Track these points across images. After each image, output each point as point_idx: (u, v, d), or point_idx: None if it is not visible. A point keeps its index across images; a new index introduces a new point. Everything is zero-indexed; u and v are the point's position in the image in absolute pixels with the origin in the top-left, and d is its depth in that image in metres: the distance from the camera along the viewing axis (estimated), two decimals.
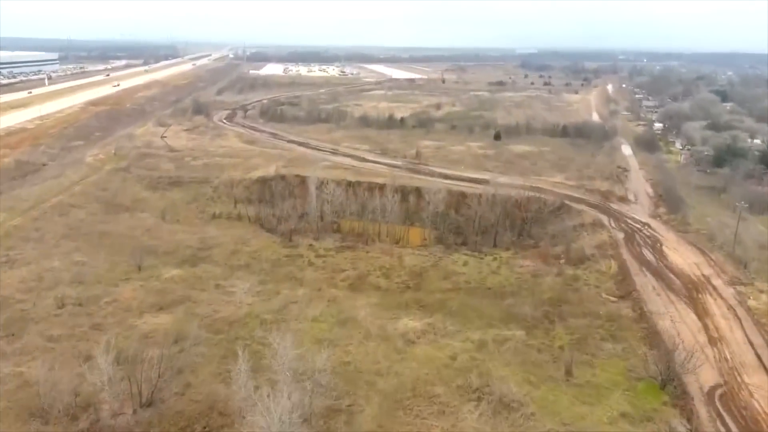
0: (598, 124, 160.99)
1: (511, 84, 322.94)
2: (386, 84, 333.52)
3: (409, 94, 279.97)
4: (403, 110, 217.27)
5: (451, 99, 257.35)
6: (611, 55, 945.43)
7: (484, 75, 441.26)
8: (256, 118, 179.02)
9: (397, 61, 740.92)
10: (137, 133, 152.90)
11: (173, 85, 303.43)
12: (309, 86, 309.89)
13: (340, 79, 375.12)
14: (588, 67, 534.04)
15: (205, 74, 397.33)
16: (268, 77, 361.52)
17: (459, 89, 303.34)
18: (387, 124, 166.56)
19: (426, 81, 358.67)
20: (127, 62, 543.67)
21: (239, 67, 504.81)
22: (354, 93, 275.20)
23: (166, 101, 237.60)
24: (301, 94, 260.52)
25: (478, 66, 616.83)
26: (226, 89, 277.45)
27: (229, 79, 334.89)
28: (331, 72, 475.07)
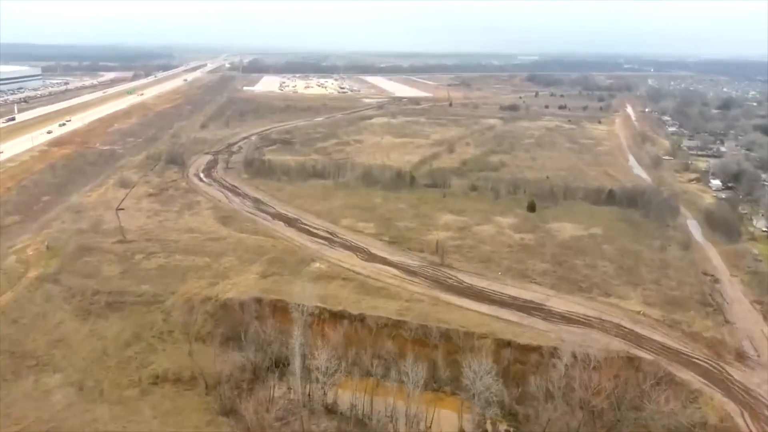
0: (651, 189, 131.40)
1: (525, 110, 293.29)
2: (389, 107, 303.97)
3: (415, 122, 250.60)
4: (410, 151, 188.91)
5: (461, 131, 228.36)
6: (615, 63, 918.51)
7: (491, 93, 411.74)
8: (240, 172, 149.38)
9: (398, 71, 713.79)
10: (89, 200, 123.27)
11: (156, 112, 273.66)
12: (305, 111, 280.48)
13: (338, 99, 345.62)
14: (599, 82, 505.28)
15: (195, 93, 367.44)
16: (261, 99, 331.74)
17: (469, 116, 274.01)
18: (395, 183, 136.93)
19: (432, 102, 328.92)
20: (115, 76, 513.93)
21: (233, 82, 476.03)
22: (354, 123, 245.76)
23: (143, 137, 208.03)
24: (295, 126, 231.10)
25: (482, 78, 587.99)
26: (213, 118, 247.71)
27: (218, 104, 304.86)
28: (329, 87, 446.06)
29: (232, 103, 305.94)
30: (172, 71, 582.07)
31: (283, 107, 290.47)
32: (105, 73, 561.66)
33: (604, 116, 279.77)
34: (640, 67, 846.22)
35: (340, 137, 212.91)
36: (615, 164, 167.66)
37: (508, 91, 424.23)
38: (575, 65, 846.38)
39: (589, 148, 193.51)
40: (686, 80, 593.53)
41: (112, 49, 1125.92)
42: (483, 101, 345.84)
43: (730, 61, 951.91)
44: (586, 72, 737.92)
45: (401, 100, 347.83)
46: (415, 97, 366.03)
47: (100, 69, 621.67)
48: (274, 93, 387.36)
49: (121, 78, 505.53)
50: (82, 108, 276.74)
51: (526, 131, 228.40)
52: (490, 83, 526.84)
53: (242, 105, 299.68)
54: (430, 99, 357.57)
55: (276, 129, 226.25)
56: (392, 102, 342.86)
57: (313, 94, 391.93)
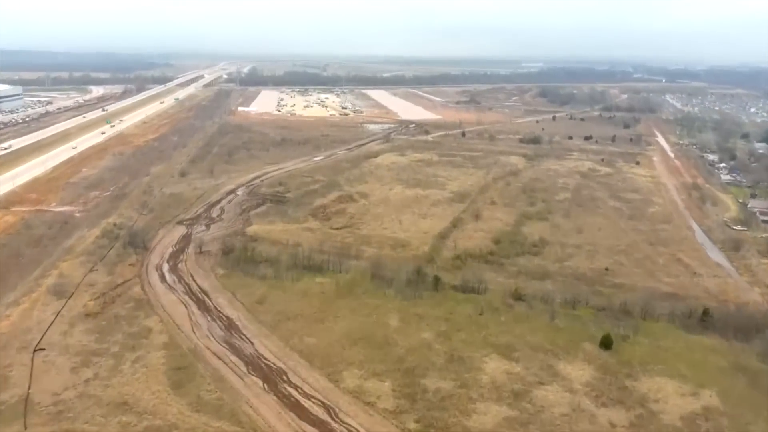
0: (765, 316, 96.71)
1: (548, 143, 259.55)
2: (396, 138, 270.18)
3: (427, 162, 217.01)
4: (426, 211, 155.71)
5: (482, 176, 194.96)
6: (624, 73, 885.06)
7: (504, 115, 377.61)
8: (216, 262, 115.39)
9: (401, 82, 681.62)
10: (2, 328, 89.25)
11: (136, 147, 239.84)
12: (303, 146, 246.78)
13: (340, 126, 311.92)
14: (613, 96, 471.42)
15: (185, 118, 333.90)
16: (256, 126, 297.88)
17: (486, 151, 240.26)
18: (414, 290, 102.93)
19: (443, 131, 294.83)
20: (104, 93, 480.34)
21: (228, 100, 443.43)
22: (357, 164, 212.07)
23: (111, 189, 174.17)
24: (290, 174, 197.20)
25: (490, 93, 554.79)
26: (197, 160, 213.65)
27: (207, 134, 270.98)
28: (330, 106, 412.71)
29: (222, 134, 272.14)
30: (165, 86, 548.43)
31: (278, 140, 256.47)
32: (94, 88, 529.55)
33: (637, 151, 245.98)
34: (649, 77, 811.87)
35: (342, 187, 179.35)
36: (682, 243, 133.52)
37: (521, 112, 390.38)
38: (583, 74, 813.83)
39: (639, 209, 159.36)
40: (704, 94, 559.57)
41: (108, 57, 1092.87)
42: (498, 127, 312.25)
43: (739, 70, 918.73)
44: (594, 82, 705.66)
45: (408, 127, 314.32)
46: (422, 121, 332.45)
47: (91, 82, 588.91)
48: (271, 116, 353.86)
49: (110, 95, 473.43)
50: (51, 143, 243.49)
51: (556, 178, 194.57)
52: (500, 99, 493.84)
53: (233, 136, 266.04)
54: (440, 124, 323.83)
55: (268, 176, 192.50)
56: (399, 128, 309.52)
57: (313, 115, 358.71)
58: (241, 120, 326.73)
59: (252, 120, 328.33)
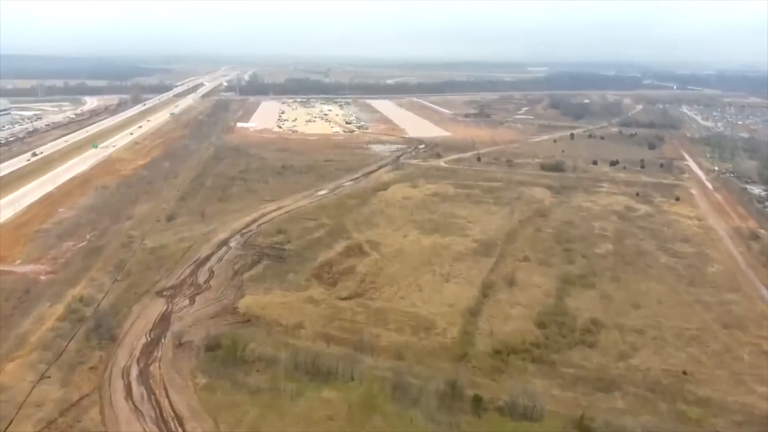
0: None
1: (573, 170, 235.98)
2: (407, 166, 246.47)
3: (443, 197, 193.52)
4: (448, 270, 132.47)
5: (506, 216, 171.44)
6: (634, 79, 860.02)
7: (518, 132, 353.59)
8: (197, 363, 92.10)
9: (405, 90, 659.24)
10: None
11: (121, 179, 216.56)
12: (305, 175, 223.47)
13: (345, 148, 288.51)
14: (632, 113, 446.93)
15: (179, 137, 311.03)
16: (254, 149, 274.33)
17: (506, 181, 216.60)
18: (448, 412, 79.52)
19: (456, 154, 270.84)
20: (97, 105, 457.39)
21: (227, 113, 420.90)
22: (366, 199, 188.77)
23: (87, 238, 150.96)
24: (291, 216, 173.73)
25: (499, 102, 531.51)
26: (187, 196, 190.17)
27: (202, 160, 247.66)
28: (333, 122, 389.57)
29: (217, 159, 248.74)
30: (163, 96, 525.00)
31: (278, 167, 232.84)
32: (89, 99, 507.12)
33: (672, 181, 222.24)
34: (659, 83, 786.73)
35: (350, 234, 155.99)
36: (761, 324, 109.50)
37: (535, 128, 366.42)
38: (590, 80, 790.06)
39: (697, 269, 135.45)
40: (721, 105, 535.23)
41: (106, 62, 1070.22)
42: (514, 148, 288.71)
43: (747, 74, 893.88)
44: (604, 89, 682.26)
45: (418, 148, 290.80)
46: (432, 140, 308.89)
47: (87, 91, 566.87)
48: (271, 134, 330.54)
49: (104, 107, 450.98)
50: (30, 173, 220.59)
51: (591, 220, 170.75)
52: (510, 111, 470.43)
53: (230, 162, 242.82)
54: (452, 144, 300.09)
55: (266, 218, 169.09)
56: (408, 149, 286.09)
57: (316, 133, 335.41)
58: (239, 140, 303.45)
59: (251, 140, 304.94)
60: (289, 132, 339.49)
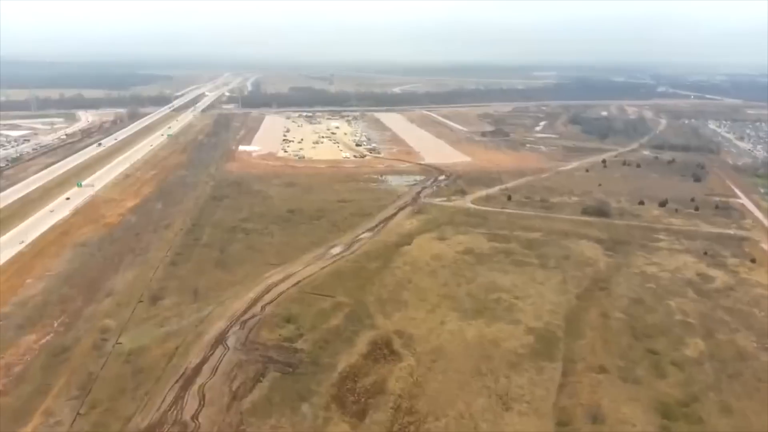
0: None
1: (619, 216, 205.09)
2: (429, 209, 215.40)
3: (478, 260, 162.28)
4: (502, 376, 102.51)
5: (558, 287, 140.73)
6: (648, 87, 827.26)
7: (545, 156, 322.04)
8: None
9: (414, 101, 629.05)
10: None
11: (105, 230, 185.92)
12: (316, 222, 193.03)
13: (357, 180, 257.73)
14: (659, 129, 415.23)
15: (175, 167, 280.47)
16: (257, 185, 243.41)
17: (546, 232, 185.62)
18: None
19: (482, 190, 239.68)
20: (91, 123, 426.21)
21: (228, 133, 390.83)
22: (390, 258, 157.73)
23: (53, 328, 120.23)
24: (301, 289, 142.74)
25: (514, 116, 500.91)
26: (178, 261, 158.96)
27: (200, 202, 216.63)
28: (342, 143, 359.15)
29: (216, 200, 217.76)
30: (162, 111, 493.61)
31: (284, 212, 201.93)
32: (83, 114, 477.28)
33: (736, 230, 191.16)
34: (674, 90, 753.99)
35: (374, 320, 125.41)
36: None
37: (560, 151, 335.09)
38: (603, 88, 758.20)
39: None
40: (749, 118, 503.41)
41: (106, 69, 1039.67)
42: (544, 180, 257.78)
43: (760, 80, 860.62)
44: (620, 98, 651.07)
45: (438, 180, 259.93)
46: (452, 167, 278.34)
47: (83, 104, 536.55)
48: (276, 161, 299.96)
49: (98, 125, 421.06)
50: (4, 221, 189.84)
51: (665, 297, 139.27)
52: (528, 126, 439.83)
53: (230, 204, 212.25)
54: (474, 174, 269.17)
55: (272, 295, 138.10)
56: (427, 181, 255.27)
57: (325, 159, 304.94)
58: (241, 169, 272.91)
59: (253, 169, 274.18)
60: (295, 158, 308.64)
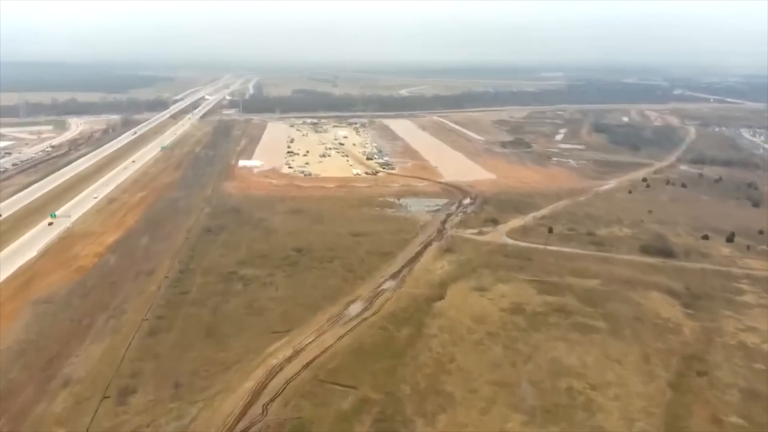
0: None
1: (687, 258, 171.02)
2: (459, 246, 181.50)
3: (530, 323, 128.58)
4: None
5: (646, 376, 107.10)
6: (665, 90, 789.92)
7: (572, 170, 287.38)
8: None
9: (423, 105, 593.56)
10: None
11: (75, 276, 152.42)
12: (328, 261, 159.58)
13: (371, 202, 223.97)
14: (690, 139, 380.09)
15: (166, 187, 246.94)
16: (259, 211, 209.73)
17: (607, 280, 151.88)
18: None
19: (516, 218, 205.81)
20: (80, 132, 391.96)
21: (228, 143, 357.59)
22: (420, 327, 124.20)
23: None
24: (314, 370, 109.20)
25: (532, 122, 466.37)
26: (159, 329, 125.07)
27: (192, 236, 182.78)
28: (351, 155, 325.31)
29: (210, 234, 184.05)
30: (158, 117, 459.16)
31: (291, 255, 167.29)
32: (75, 122, 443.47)
33: None
34: (691, 93, 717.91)
35: (413, 424, 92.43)
36: None
37: (591, 165, 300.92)
38: (617, 91, 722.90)
39: None
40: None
41: (108, 69, 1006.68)
42: (584, 205, 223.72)
43: None
44: (637, 102, 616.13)
45: (462, 204, 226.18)
46: (475, 187, 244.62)
47: (76, 110, 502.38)
48: (279, 178, 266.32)
49: (89, 134, 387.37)
50: None
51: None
52: (548, 135, 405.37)
53: (226, 239, 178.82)
54: (502, 196, 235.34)
55: (276, 384, 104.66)
56: (451, 205, 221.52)
57: (333, 176, 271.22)
58: (241, 191, 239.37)
59: (254, 191, 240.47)
60: (300, 175, 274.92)
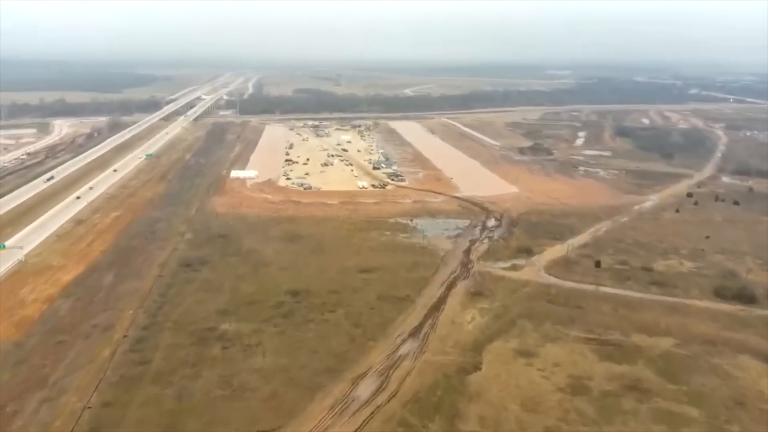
0: None
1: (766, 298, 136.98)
2: (494, 287, 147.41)
3: (599, 407, 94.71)
4: None
5: None
6: (680, 89, 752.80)
7: (604, 183, 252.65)
8: None
9: (429, 106, 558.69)
10: None
11: (17, 334, 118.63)
12: (330, 310, 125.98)
13: (379, 226, 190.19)
14: (736, 153, 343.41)
15: (147, 205, 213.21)
16: (249, 236, 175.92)
17: (684, 339, 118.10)
18: None
19: (552, 244, 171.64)
20: (61, 138, 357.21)
21: (222, 147, 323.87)
22: (457, 428, 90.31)
23: None
24: None
25: (548, 125, 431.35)
26: (107, 418, 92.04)
27: (167, 273, 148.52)
28: (356, 164, 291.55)
29: (189, 271, 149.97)
30: (148, 119, 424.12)
31: (284, 302, 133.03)
32: (60, 123, 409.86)
33: None
34: (709, 94, 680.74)
35: None
36: None
37: (625, 178, 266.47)
38: (630, 90, 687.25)
39: None
40: None
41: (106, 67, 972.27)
42: (635, 234, 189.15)
43: None
44: (653, 102, 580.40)
45: (486, 225, 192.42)
46: (500, 204, 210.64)
47: (63, 111, 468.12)
48: (275, 193, 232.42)
49: (71, 138, 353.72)
50: None
51: None
52: (568, 139, 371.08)
53: (206, 283, 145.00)
54: (532, 214, 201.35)
55: None
56: (474, 228, 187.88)
57: (336, 190, 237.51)
58: (230, 210, 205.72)
59: (246, 210, 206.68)
60: (299, 188, 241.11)
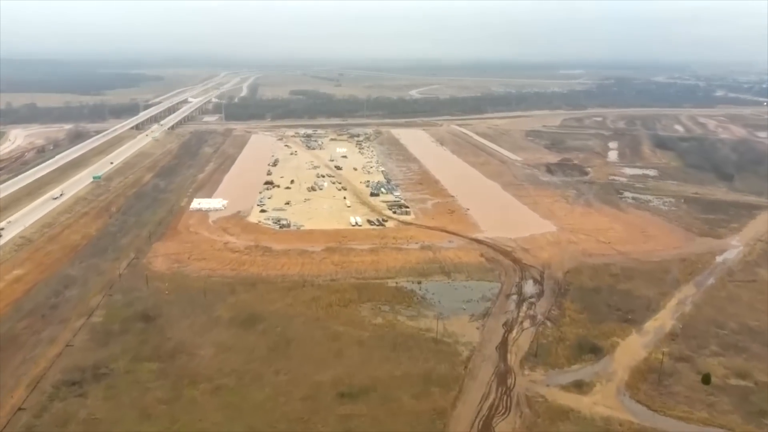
0: None
1: None
2: (544, 416, 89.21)
3: None
4: None
5: None
6: (706, 90, 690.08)
7: (665, 218, 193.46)
8: None
9: (438, 110, 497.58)
10: None
11: None
12: None
13: (379, 295, 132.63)
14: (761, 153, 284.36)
15: (68, 254, 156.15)
16: (177, 326, 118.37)
17: None
18: None
19: (635, 337, 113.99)
20: (16, 148, 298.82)
21: (194, 163, 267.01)
22: None
23: None
24: None
25: (573, 135, 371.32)
26: None
27: (37, 399, 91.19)
28: (351, 191, 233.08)
29: (74, 393, 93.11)
30: (117, 127, 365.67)
31: None
32: (16, 132, 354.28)
33: None
34: (737, 96, 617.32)
35: None
36: None
37: (685, 207, 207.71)
38: (652, 92, 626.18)
39: None
40: None
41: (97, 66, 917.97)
42: (744, 321, 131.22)
43: None
44: (677, 105, 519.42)
45: (523, 293, 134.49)
46: (534, 249, 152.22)
47: (28, 117, 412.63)
48: (239, 239, 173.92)
49: (19, 153, 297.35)
50: None
51: None
52: (597, 149, 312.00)
53: (94, 416, 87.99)
54: (582, 265, 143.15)
55: None
56: (506, 294, 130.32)
57: (322, 229, 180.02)
58: (171, 268, 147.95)
59: (194, 268, 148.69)
60: (274, 226, 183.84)
